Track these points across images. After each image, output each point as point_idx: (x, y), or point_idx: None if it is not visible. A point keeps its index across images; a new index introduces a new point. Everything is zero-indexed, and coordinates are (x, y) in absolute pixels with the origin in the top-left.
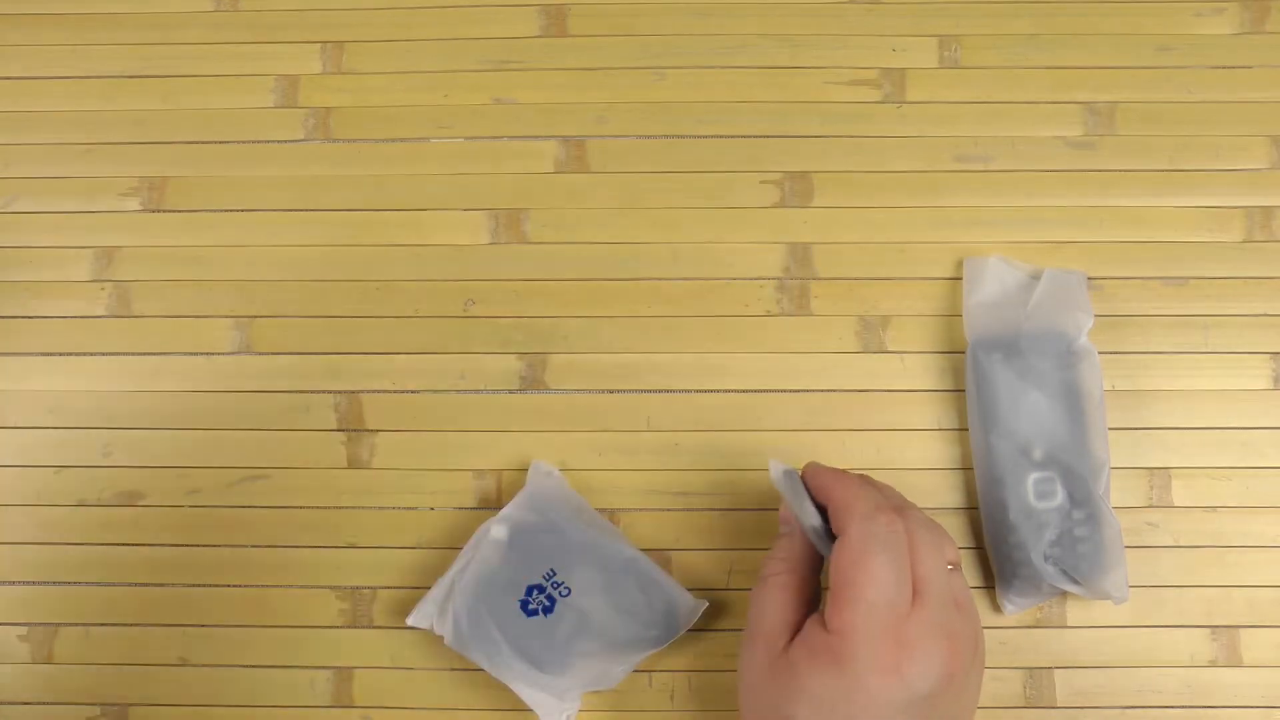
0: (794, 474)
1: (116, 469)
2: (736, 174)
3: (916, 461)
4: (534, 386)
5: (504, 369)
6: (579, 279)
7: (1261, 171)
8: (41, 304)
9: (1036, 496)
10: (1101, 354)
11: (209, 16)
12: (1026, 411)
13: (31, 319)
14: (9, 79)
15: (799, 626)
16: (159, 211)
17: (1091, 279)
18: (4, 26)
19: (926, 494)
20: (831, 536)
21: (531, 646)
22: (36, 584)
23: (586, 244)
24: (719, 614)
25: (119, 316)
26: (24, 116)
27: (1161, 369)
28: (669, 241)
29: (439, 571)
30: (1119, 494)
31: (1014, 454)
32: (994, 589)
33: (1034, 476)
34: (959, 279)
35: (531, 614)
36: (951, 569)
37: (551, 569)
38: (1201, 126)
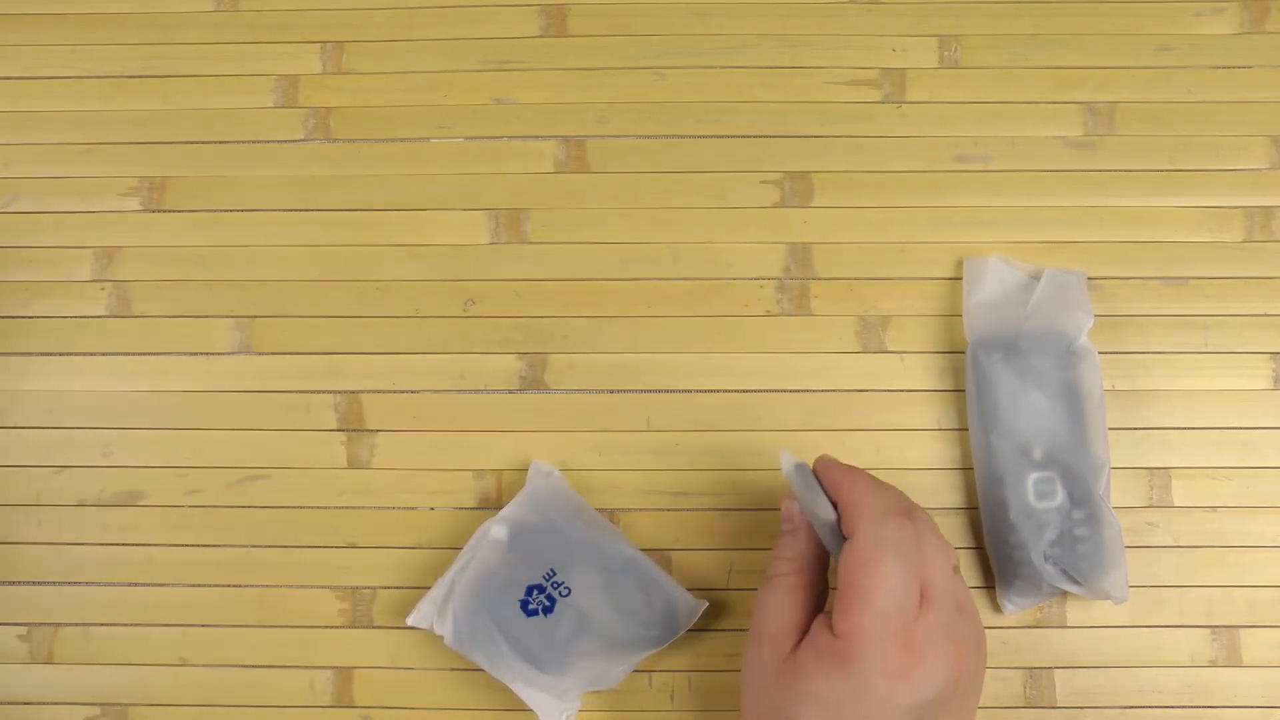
0: (805, 468)
1: (116, 469)
2: (736, 174)
3: (916, 461)
4: (534, 386)
5: (504, 369)
6: (579, 279)
7: (1261, 171)
8: (41, 304)
9: (1036, 496)
10: (1101, 354)
11: (209, 16)
12: (1026, 411)
13: (31, 319)
14: (9, 79)
15: (805, 628)
16: (159, 211)
17: (1091, 279)
18: (4, 26)
19: (926, 494)
20: (841, 534)
21: (531, 646)
22: (36, 584)
23: (586, 244)
24: (719, 614)
25: (119, 316)
26: (24, 116)
27: (1161, 369)
28: (669, 241)
29: (439, 571)
30: (1119, 494)
31: (1014, 454)
32: (994, 589)
33: (1034, 476)
34: (959, 279)
35: (531, 614)
36: (953, 572)
37: (551, 569)
38: (1201, 126)
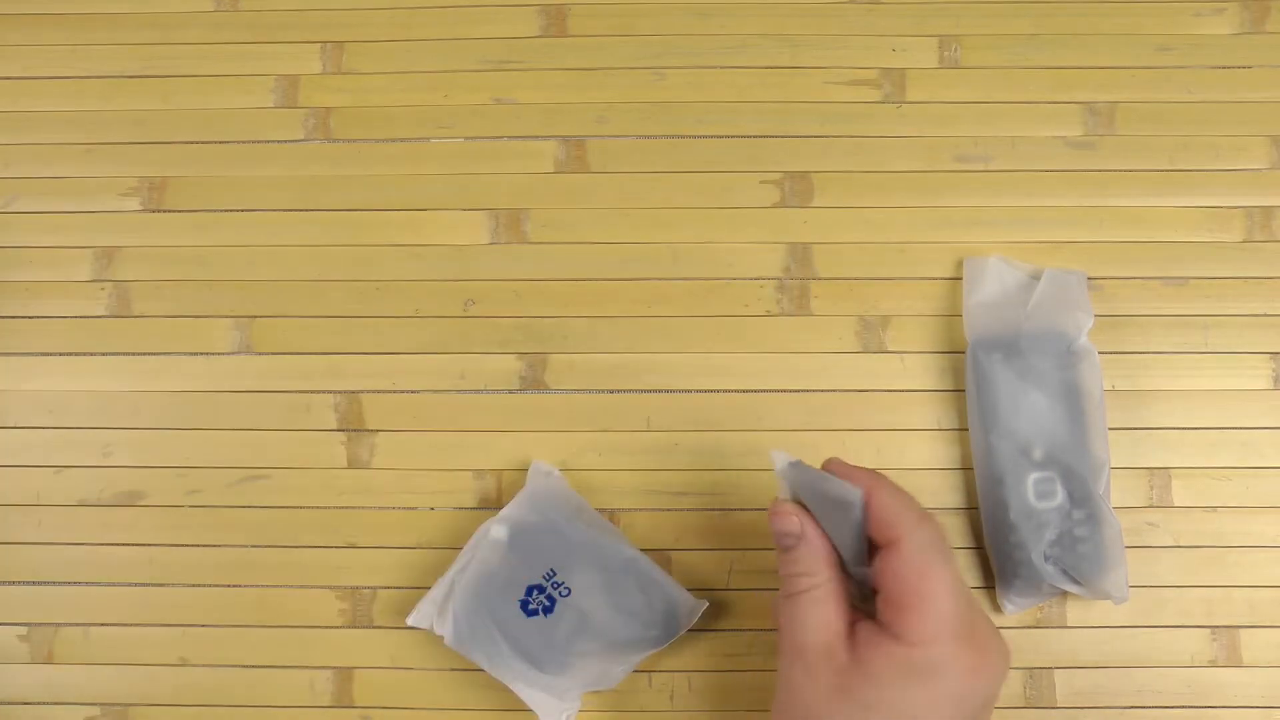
0: (800, 464)
1: (116, 469)
2: (736, 174)
3: (916, 461)
4: (534, 386)
5: (504, 369)
6: (579, 279)
7: (1261, 171)
8: (41, 304)
9: (1036, 496)
10: (1101, 354)
11: (209, 16)
12: (1026, 411)
13: (31, 319)
14: (9, 79)
15: (847, 635)
16: (159, 211)
17: (1091, 279)
18: (4, 26)
19: (927, 494)
20: (863, 518)
21: (531, 646)
22: (36, 584)
23: (586, 244)
24: (719, 614)
25: (119, 316)
26: (24, 116)
27: (1161, 369)
28: (669, 241)
29: (439, 571)
30: (1119, 494)
31: (1014, 454)
32: (994, 589)
33: (1034, 476)
34: (959, 279)
35: (531, 614)
36: None
37: (551, 569)
38: (1201, 126)
